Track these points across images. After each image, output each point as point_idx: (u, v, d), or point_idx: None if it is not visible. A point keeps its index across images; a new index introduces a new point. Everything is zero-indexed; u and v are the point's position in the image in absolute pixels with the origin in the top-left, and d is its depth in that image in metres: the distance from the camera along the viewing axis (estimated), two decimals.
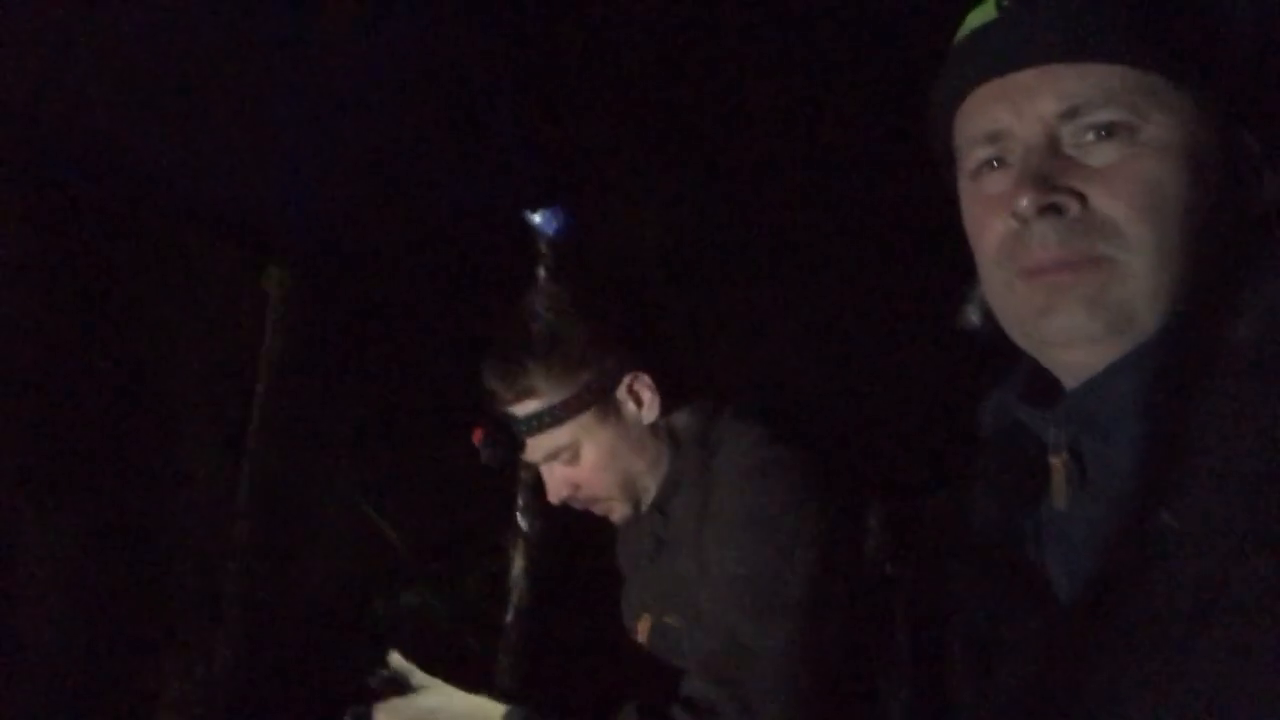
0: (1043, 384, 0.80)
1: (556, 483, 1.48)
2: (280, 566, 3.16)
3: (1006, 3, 0.76)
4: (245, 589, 2.85)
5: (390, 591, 3.13)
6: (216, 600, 2.87)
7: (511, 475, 2.37)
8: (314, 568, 3.22)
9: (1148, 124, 0.72)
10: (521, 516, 2.42)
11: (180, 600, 3.12)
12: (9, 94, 1.73)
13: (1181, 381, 0.70)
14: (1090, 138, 0.73)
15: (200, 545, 3.18)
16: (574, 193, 2.15)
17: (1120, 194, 0.71)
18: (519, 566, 2.48)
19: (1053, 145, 0.74)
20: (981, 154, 0.78)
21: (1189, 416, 0.68)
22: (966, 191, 0.81)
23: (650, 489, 1.48)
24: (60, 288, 3.01)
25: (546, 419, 1.41)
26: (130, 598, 3.08)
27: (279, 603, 3.08)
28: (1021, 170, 0.74)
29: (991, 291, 0.80)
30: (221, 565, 2.88)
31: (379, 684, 1.43)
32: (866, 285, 2.97)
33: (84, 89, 1.77)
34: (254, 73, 1.71)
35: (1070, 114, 0.73)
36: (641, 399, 1.45)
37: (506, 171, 2.07)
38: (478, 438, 1.44)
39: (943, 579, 0.86)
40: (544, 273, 2.02)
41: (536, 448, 1.45)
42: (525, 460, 1.49)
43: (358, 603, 3.13)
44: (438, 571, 3.12)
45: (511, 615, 2.45)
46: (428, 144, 2.00)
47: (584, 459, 1.44)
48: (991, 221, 0.77)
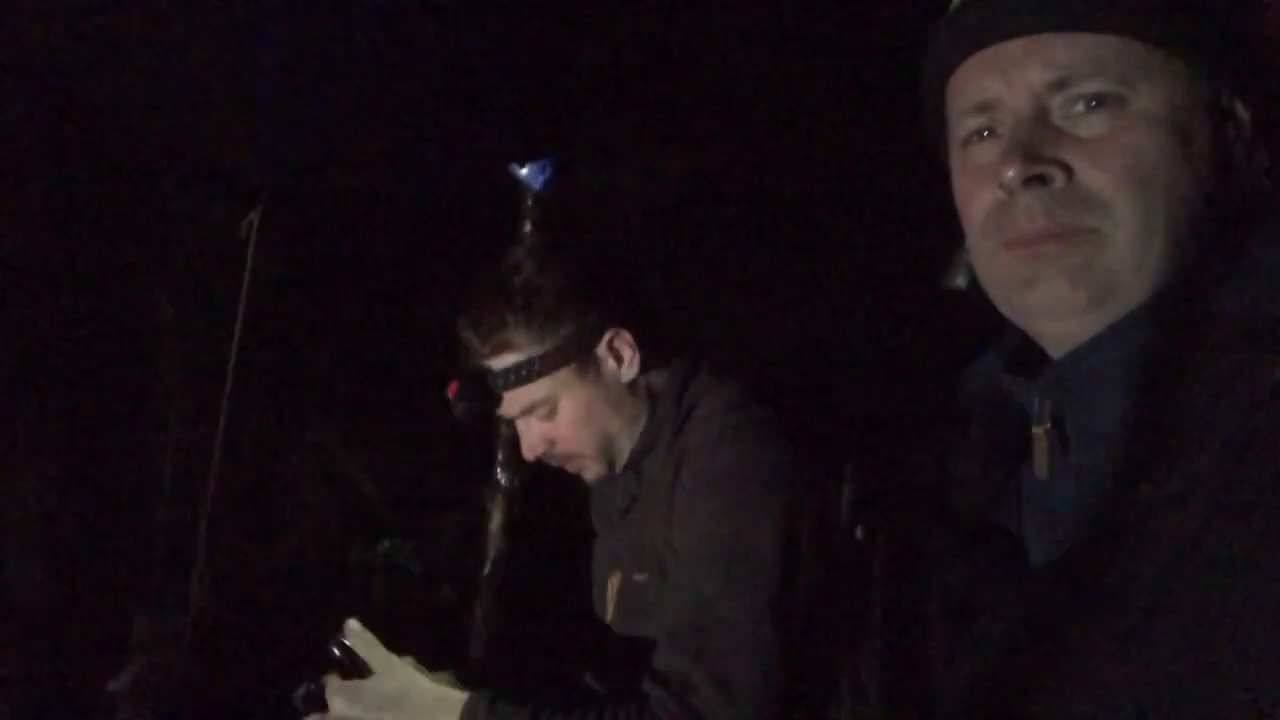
0: (1028, 353, 0.80)
1: (532, 438, 1.46)
2: (255, 516, 3.15)
3: None
4: (219, 537, 2.85)
5: (366, 543, 3.13)
6: (191, 548, 2.86)
7: (491, 429, 2.37)
8: (290, 517, 3.22)
9: (1137, 95, 0.72)
10: (501, 471, 2.42)
11: (154, 547, 3.12)
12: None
13: (1166, 353, 0.70)
14: (1079, 109, 0.73)
15: (175, 492, 3.17)
16: (560, 148, 2.13)
17: (1107, 166, 0.71)
18: (496, 521, 2.49)
19: (1041, 116, 0.74)
20: (971, 124, 0.78)
21: (1172, 388, 0.68)
22: (956, 161, 0.81)
23: (625, 450, 1.47)
24: (36, 235, 2.97)
25: (524, 373, 1.39)
26: (104, 544, 3.07)
27: (253, 552, 3.08)
28: (1009, 141, 0.74)
29: (978, 261, 0.80)
30: (196, 513, 2.87)
31: (331, 659, 1.36)
32: (849, 248, 2.97)
33: (62, 35, 1.73)
34: (236, 15, 1.68)
35: (1060, 84, 0.73)
36: (622, 356, 1.43)
37: (492, 124, 2.05)
38: (452, 391, 1.42)
39: (920, 544, 0.87)
40: (529, 227, 2.01)
41: (513, 402, 1.43)
42: (501, 415, 1.47)
43: (333, 553, 3.14)
44: (414, 524, 3.12)
45: (488, 569, 2.46)
46: (414, 96, 1.98)
47: (561, 415, 1.42)
48: (979, 192, 0.77)
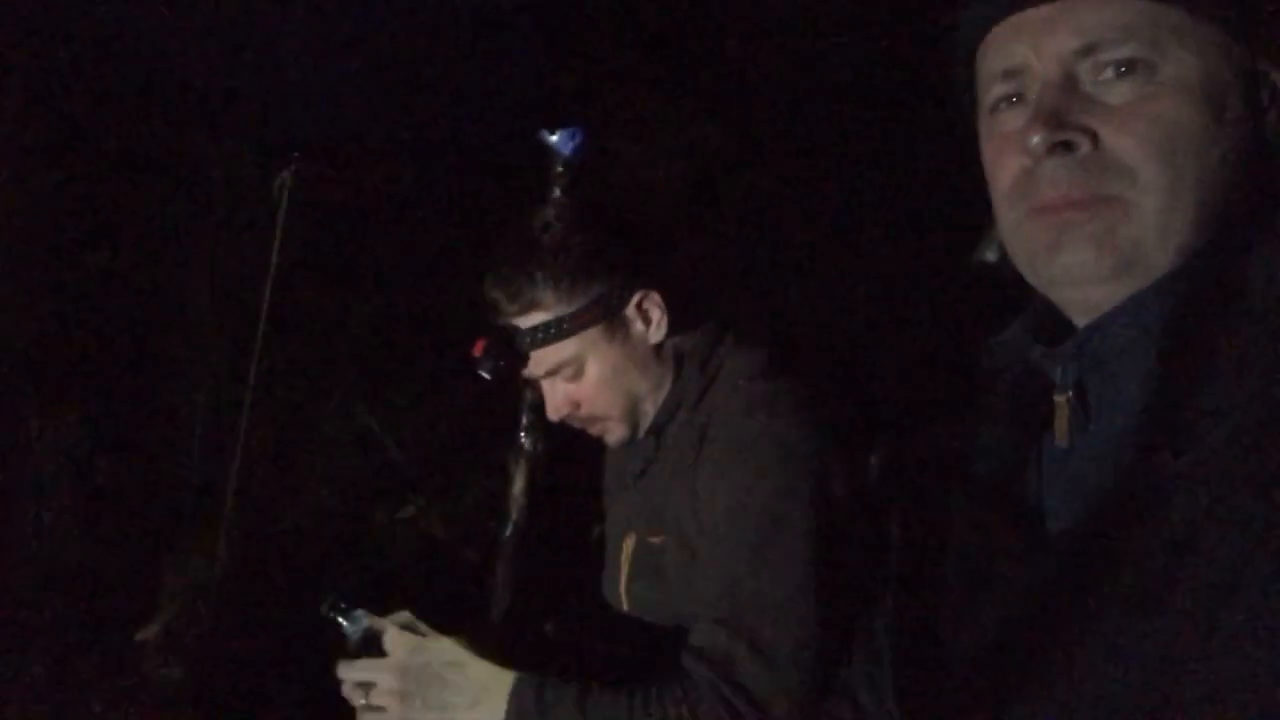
0: (1053, 322, 0.80)
1: (558, 399, 1.45)
2: (282, 473, 3.20)
3: None
4: (247, 493, 2.89)
5: (390, 503, 3.17)
6: (217, 503, 2.91)
7: (515, 392, 2.39)
8: (315, 476, 3.26)
9: (1167, 61, 0.71)
10: (525, 435, 2.44)
11: (184, 503, 3.17)
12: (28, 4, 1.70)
13: (1191, 322, 0.70)
14: (1109, 75, 0.72)
15: (204, 450, 3.22)
16: (591, 116, 2.13)
17: (1133, 133, 0.71)
18: (519, 485, 2.51)
19: (1069, 82, 0.73)
20: (999, 90, 0.78)
21: (1196, 357, 0.68)
22: (984, 128, 0.81)
23: (649, 414, 1.46)
24: (71, 194, 3.00)
25: (551, 332, 1.37)
26: (135, 499, 3.13)
27: (278, 508, 3.13)
28: (1036, 107, 0.74)
29: (1004, 229, 0.80)
30: (225, 471, 2.91)
31: (356, 637, 1.33)
32: (879, 219, 2.95)
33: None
34: None
35: (1088, 50, 0.72)
36: (650, 318, 1.42)
37: (526, 88, 2.05)
38: (479, 349, 1.40)
39: (939, 511, 0.87)
40: (558, 194, 2.01)
41: (540, 361, 1.41)
42: (527, 374, 1.45)
43: (358, 513, 3.18)
44: (438, 486, 3.15)
45: (510, 531, 2.49)
46: (447, 58, 1.98)
47: (587, 375, 1.41)
48: (1005, 159, 0.77)
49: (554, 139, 2.17)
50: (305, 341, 3.12)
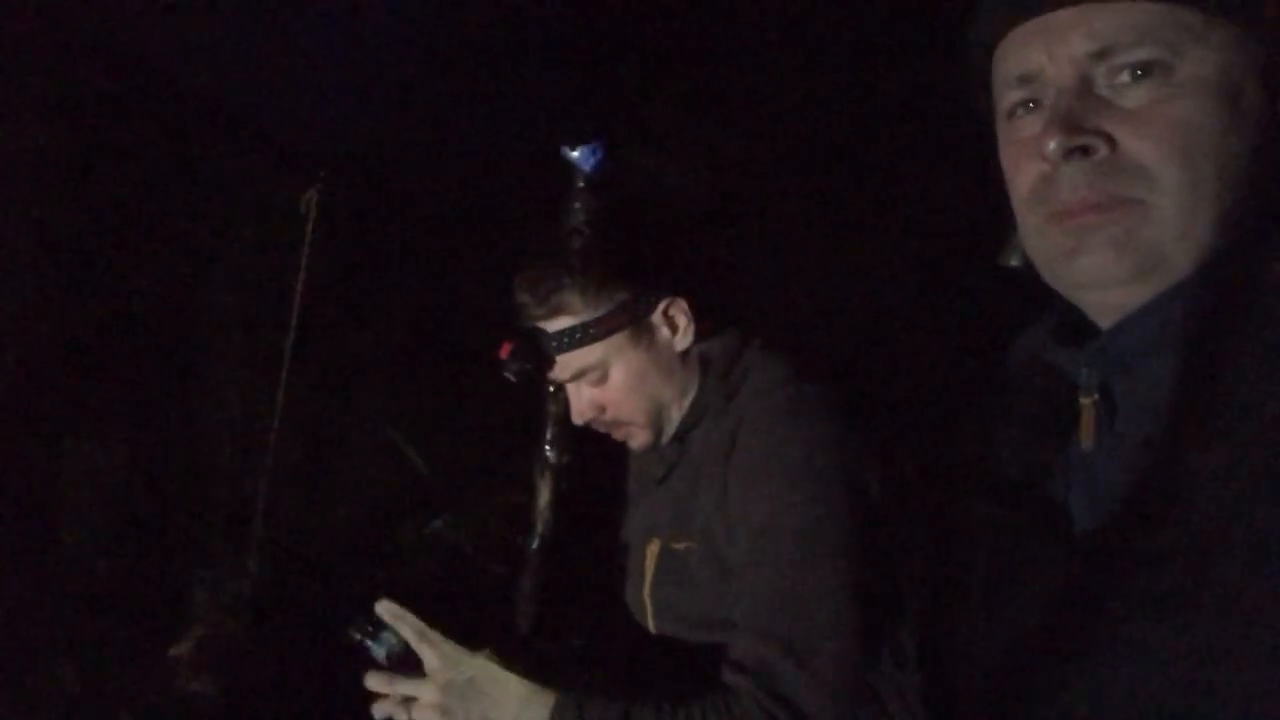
0: (1075, 325, 0.80)
1: (582, 403, 1.45)
2: (310, 489, 3.22)
3: None
4: (276, 508, 2.91)
5: (417, 518, 3.18)
6: (247, 520, 2.93)
7: (540, 406, 2.40)
8: (343, 491, 3.28)
9: (1183, 62, 0.71)
10: (549, 448, 2.45)
11: (214, 519, 3.20)
12: (57, 14, 1.74)
13: (1214, 323, 0.69)
14: (1125, 78, 0.72)
15: (234, 467, 3.25)
16: (616, 127, 2.13)
17: (1150, 136, 0.71)
18: (545, 498, 2.52)
19: (1085, 86, 0.73)
20: (1015, 96, 0.78)
21: (1221, 358, 0.68)
22: (1002, 134, 0.81)
23: (674, 420, 1.46)
24: (97, 213, 3.05)
25: (578, 336, 1.38)
26: (166, 515, 3.16)
27: (307, 523, 3.15)
28: (1051, 113, 0.74)
29: (1025, 234, 0.80)
30: (254, 487, 2.94)
31: (385, 658, 1.32)
32: (898, 223, 2.95)
33: (125, 8, 1.77)
34: None
35: (1103, 54, 0.72)
36: (677, 325, 1.42)
37: (549, 103, 2.07)
38: (506, 351, 1.41)
39: (964, 512, 0.87)
40: (578, 206, 2.02)
41: (565, 365, 1.41)
42: (553, 377, 1.45)
43: (386, 528, 3.19)
44: (464, 500, 3.16)
45: (536, 545, 2.50)
46: (471, 73, 2.00)
47: (612, 380, 1.41)
48: (1024, 165, 0.77)
49: (575, 155, 2.19)
50: (333, 358, 3.15)
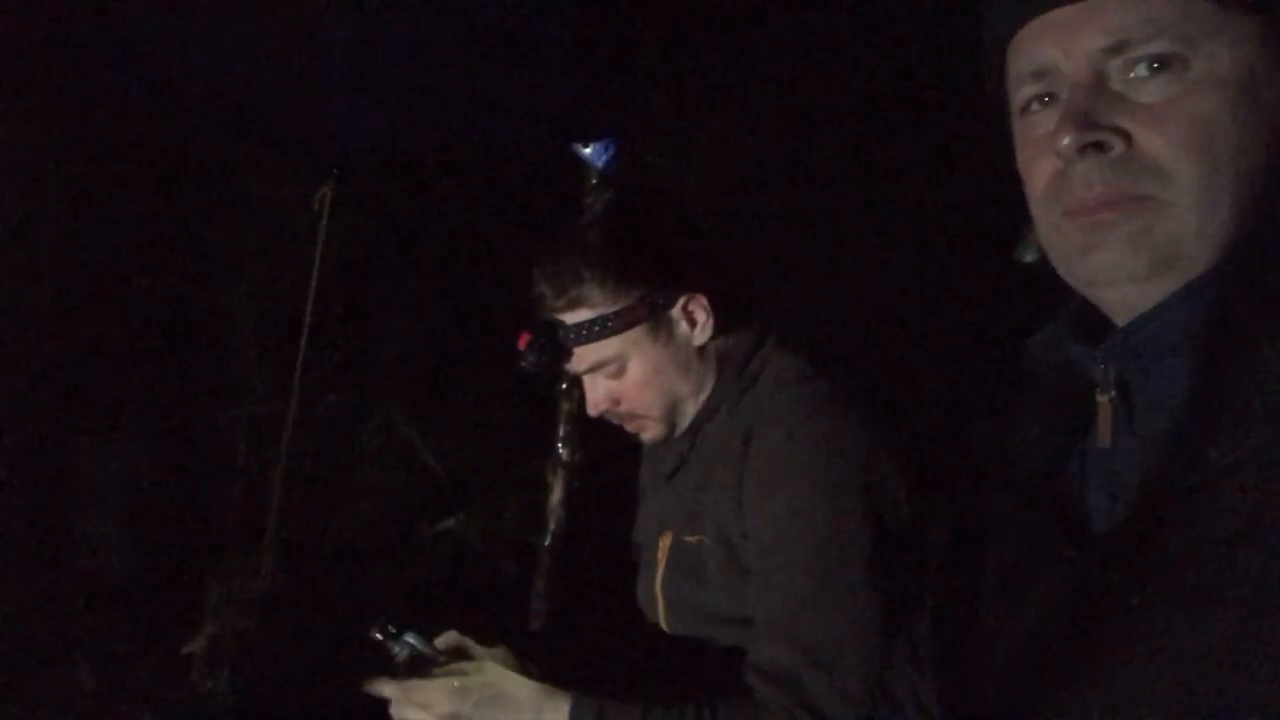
0: (1092, 322, 0.80)
1: (598, 395, 1.45)
2: (324, 488, 3.23)
3: None
4: (291, 507, 2.92)
5: (430, 516, 3.19)
6: (263, 518, 2.94)
7: (553, 405, 2.41)
8: (357, 490, 3.29)
9: (1200, 57, 0.70)
10: (562, 446, 2.46)
11: (229, 518, 3.21)
12: (76, 18, 1.75)
13: (1232, 319, 0.69)
14: (1141, 73, 0.71)
15: (249, 466, 3.26)
16: (633, 123, 2.13)
17: (1166, 132, 0.70)
18: (557, 495, 2.52)
19: (1099, 82, 0.72)
20: (1028, 91, 0.77)
21: (1239, 355, 0.67)
22: (1018, 130, 0.80)
23: (689, 414, 1.46)
24: (113, 213, 3.06)
25: (596, 329, 1.37)
26: (183, 514, 3.18)
27: (322, 521, 3.16)
28: (1065, 109, 0.73)
29: (1041, 231, 0.79)
30: (269, 486, 2.95)
31: (404, 659, 1.32)
32: (915, 220, 2.94)
33: (145, 11, 1.78)
34: None
35: (1117, 48, 0.71)
36: (696, 320, 1.41)
37: (560, 103, 2.07)
38: (523, 342, 1.40)
39: (979, 511, 0.87)
40: (592, 202, 2.02)
41: (582, 358, 1.41)
42: (569, 369, 1.45)
43: (399, 526, 3.20)
44: (477, 498, 3.17)
45: (548, 542, 2.50)
46: (485, 71, 2.00)
47: (629, 374, 1.41)
48: (1038, 161, 0.76)
49: (587, 151, 2.20)
50: (347, 357, 3.16)
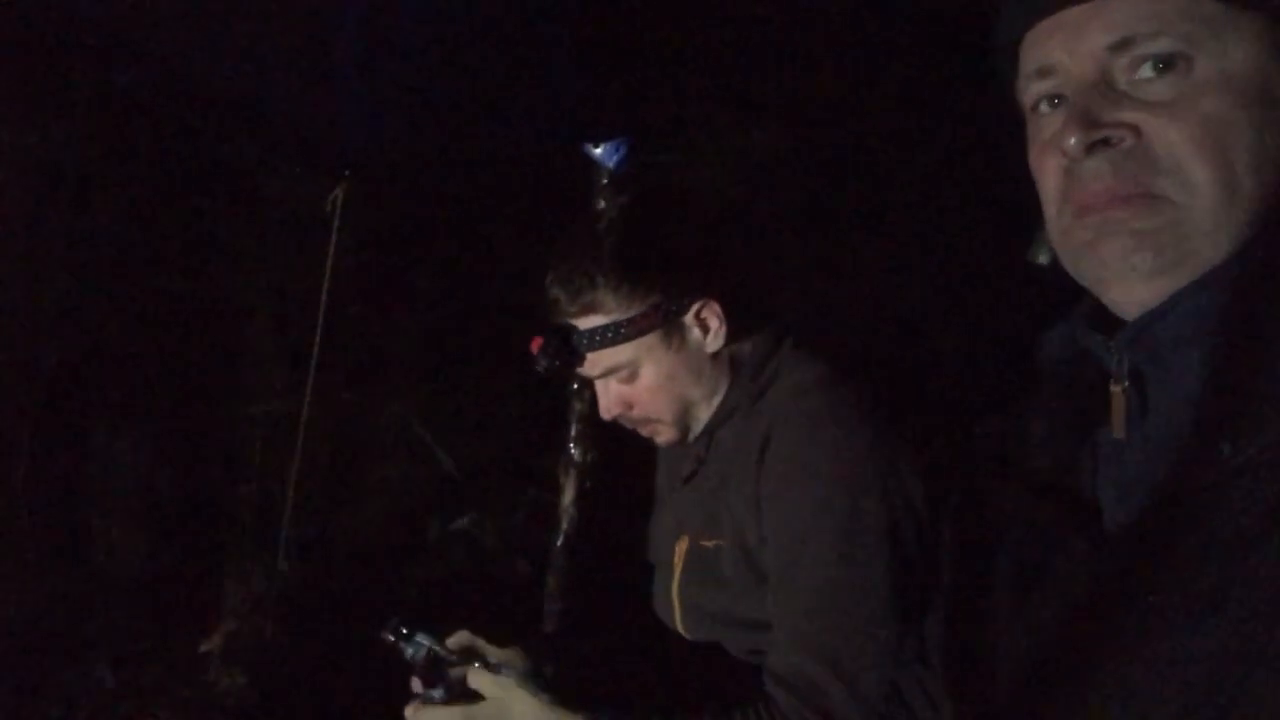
0: (1106, 319, 0.80)
1: (610, 400, 1.45)
2: (337, 487, 3.25)
3: None
4: (304, 505, 2.94)
5: (443, 515, 3.20)
6: (277, 517, 2.96)
7: (565, 404, 2.41)
8: (370, 488, 3.30)
9: (1205, 55, 0.70)
10: (575, 446, 2.46)
11: (243, 516, 3.23)
12: (88, 17, 1.76)
13: (1246, 314, 0.69)
14: (1147, 72, 0.71)
15: (262, 464, 3.27)
16: (645, 126, 2.13)
17: (1178, 129, 0.70)
18: (570, 495, 2.53)
19: (1105, 81, 0.72)
20: (1037, 90, 0.78)
21: (1254, 350, 0.67)
22: (1029, 130, 0.81)
23: (702, 418, 1.46)
24: (130, 211, 3.08)
25: (609, 335, 1.37)
26: (196, 512, 3.19)
27: (335, 520, 3.18)
28: (1072, 108, 0.73)
29: (1053, 233, 0.79)
30: (282, 484, 2.96)
31: (418, 661, 1.32)
32: (927, 217, 2.93)
33: (153, 9, 1.80)
34: None
35: (1121, 46, 0.71)
36: (709, 326, 1.41)
37: (570, 102, 2.07)
38: (536, 346, 1.40)
39: (991, 507, 0.87)
40: (603, 204, 2.03)
41: (595, 363, 1.41)
42: (582, 373, 1.45)
43: (413, 525, 3.21)
44: (490, 497, 3.18)
45: (561, 542, 2.51)
46: (493, 74, 2.00)
47: (642, 379, 1.41)
48: (1048, 162, 0.76)
49: (598, 152, 2.20)
50: (360, 356, 3.17)
